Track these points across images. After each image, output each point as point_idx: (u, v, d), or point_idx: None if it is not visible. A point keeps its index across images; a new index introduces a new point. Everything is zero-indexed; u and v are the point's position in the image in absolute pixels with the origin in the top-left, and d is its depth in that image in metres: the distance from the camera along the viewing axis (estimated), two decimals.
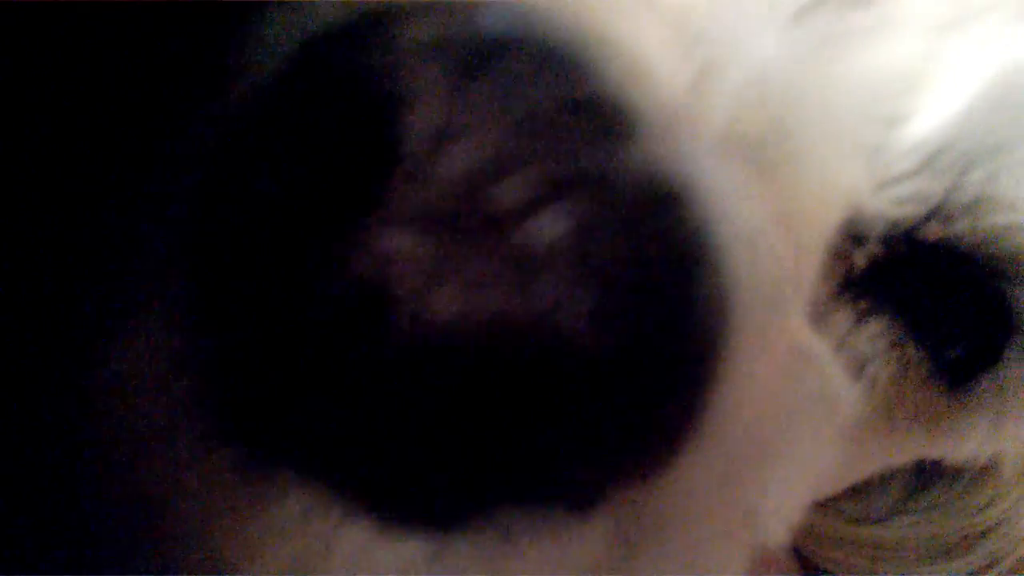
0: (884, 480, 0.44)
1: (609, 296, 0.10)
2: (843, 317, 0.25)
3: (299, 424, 0.11)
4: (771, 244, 0.14)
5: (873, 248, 0.24)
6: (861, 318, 0.25)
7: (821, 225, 0.20)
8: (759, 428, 0.14)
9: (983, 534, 0.39)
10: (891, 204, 0.23)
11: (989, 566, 0.37)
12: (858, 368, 0.25)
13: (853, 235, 0.23)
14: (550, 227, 0.09)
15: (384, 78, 0.09)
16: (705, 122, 0.13)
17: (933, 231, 0.23)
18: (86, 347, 0.12)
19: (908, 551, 0.40)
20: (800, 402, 0.14)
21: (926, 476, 0.43)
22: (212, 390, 0.11)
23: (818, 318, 0.25)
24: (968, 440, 0.29)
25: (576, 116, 0.10)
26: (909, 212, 0.23)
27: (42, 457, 0.12)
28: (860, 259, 0.24)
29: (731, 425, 0.13)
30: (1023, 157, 0.23)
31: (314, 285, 0.10)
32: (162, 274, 0.12)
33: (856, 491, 0.44)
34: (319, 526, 0.11)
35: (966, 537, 0.39)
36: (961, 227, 0.23)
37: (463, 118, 0.09)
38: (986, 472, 0.41)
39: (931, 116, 0.23)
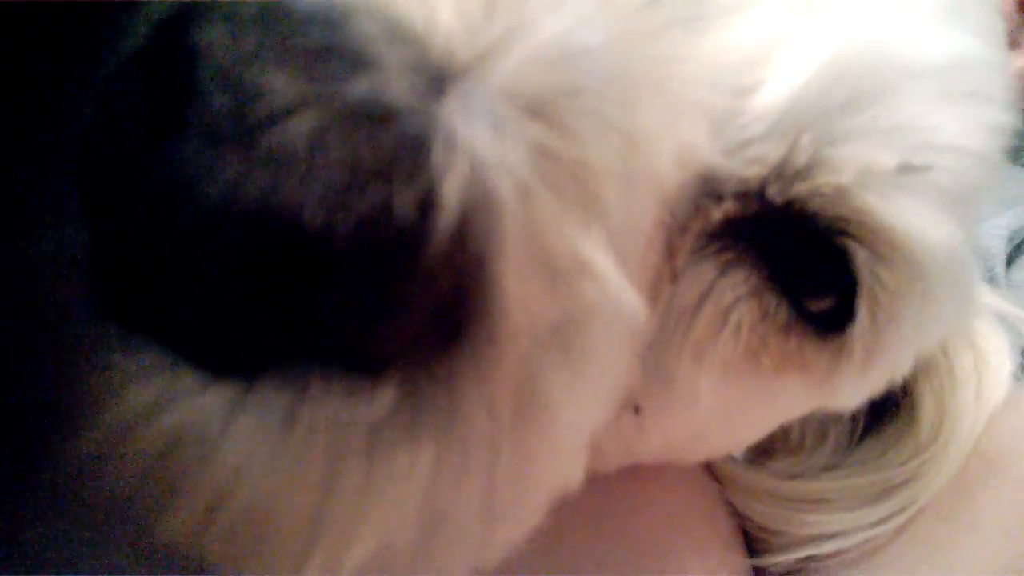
0: (817, 440, 0.47)
1: (331, 187, 0.13)
2: (709, 267, 0.28)
3: (145, 298, 0.14)
4: (555, 182, 0.17)
5: (729, 205, 0.27)
6: (724, 269, 0.28)
7: (655, 173, 0.23)
8: (540, 321, 0.17)
9: (899, 486, 0.41)
10: (742, 165, 0.26)
11: (898, 513, 0.40)
12: (723, 314, 0.28)
13: (709, 193, 0.27)
14: (291, 133, 0.13)
15: (192, 37, 0.13)
16: (484, 78, 0.16)
17: (778, 191, 0.26)
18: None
19: (833, 502, 0.43)
20: (580, 304, 0.18)
21: (855, 437, 0.46)
22: (89, 279, 0.15)
23: (681, 266, 0.28)
24: (844, 389, 0.32)
25: (320, 57, 0.14)
26: (757, 173, 0.26)
27: None
28: (717, 214, 0.27)
29: (512, 323, 0.17)
30: (849, 125, 0.26)
31: (143, 190, 0.13)
32: (58, 194, 0.16)
33: (790, 452, 0.47)
34: (157, 381, 0.15)
35: (885, 489, 0.42)
36: (800, 188, 0.26)
37: (238, 58, 0.13)
38: (907, 431, 0.44)
39: (777, 86, 0.26)
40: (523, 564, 0.23)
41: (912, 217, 0.26)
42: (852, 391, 0.32)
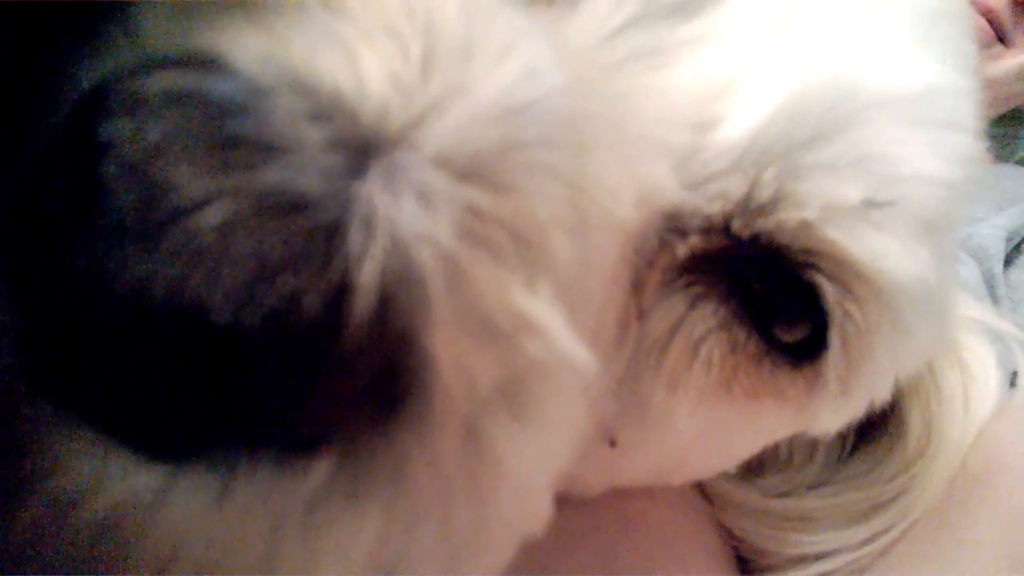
0: (805, 458, 0.47)
1: (237, 282, 0.13)
2: (678, 301, 0.28)
3: (74, 381, 0.14)
4: (490, 243, 0.17)
5: (694, 240, 0.27)
6: (693, 303, 0.28)
7: (612, 216, 0.23)
8: (481, 383, 0.17)
9: (887, 502, 0.41)
10: (705, 201, 0.26)
11: (886, 531, 0.40)
12: (695, 347, 0.28)
13: (674, 228, 0.27)
14: (199, 226, 0.13)
15: (102, 134, 0.13)
16: (419, 145, 0.16)
17: (743, 225, 0.26)
18: None
19: (820, 520, 0.43)
20: (523, 362, 0.18)
21: (844, 454, 0.46)
22: (22, 354, 0.15)
23: (650, 302, 0.28)
24: (822, 414, 0.31)
25: (231, 147, 0.14)
26: (720, 208, 0.26)
27: None
28: (682, 249, 0.27)
29: (447, 387, 0.17)
30: (814, 158, 0.25)
31: (62, 281, 0.13)
32: None
33: (778, 468, 0.47)
34: (91, 460, 0.15)
35: (873, 506, 0.42)
36: (765, 223, 0.26)
37: (145, 152, 0.13)
38: (894, 447, 0.43)
39: (739, 120, 0.26)
40: None
41: (879, 251, 0.26)
42: (831, 416, 0.32)
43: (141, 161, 0.13)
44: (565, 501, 0.24)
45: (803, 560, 0.42)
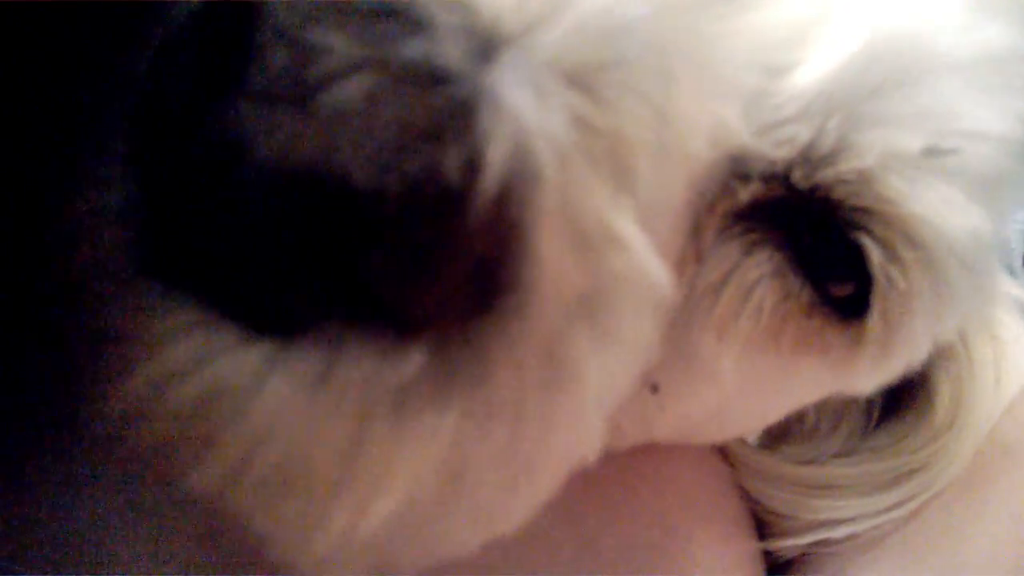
0: (831, 426, 0.47)
1: (383, 148, 0.13)
2: (734, 247, 0.28)
3: (190, 254, 0.15)
4: (591, 153, 0.18)
5: (756, 187, 0.27)
6: (749, 249, 0.28)
7: (687, 151, 0.23)
8: (569, 290, 0.17)
9: (912, 472, 0.42)
10: (772, 146, 0.26)
11: (911, 499, 0.40)
12: (747, 293, 0.29)
13: (738, 173, 0.27)
14: (346, 94, 0.13)
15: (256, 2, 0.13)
16: (531, 48, 0.16)
17: (803, 176, 0.26)
18: (50, 206, 0.16)
19: (845, 488, 0.43)
20: (608, 274, 0.18)
21: (870, 423, 0.47)
22: (139, 236, 0.15)
23: (707, 246, 0.28)
24: (860, 374, 0.32)
25: (378, 18, 0.14)
26: (785, 155, 0.26)
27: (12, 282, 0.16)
28: (744, 195, 0.27)
29: (542, 290, 0.17)
30: (877, 109, 0.25)
31: (197, 147, 0.14)
32: (105, 151, 0.16)
33: (803, 436, 0.47)
34: (197, 337, 0.15)
35: (897, 476, 0.42)
36: (825, 174, 0.26)
37: (297, 19, 0.13)
38: (922, 419, 0.44)
39: (812, 68, 0.26)
40: (537, 533, 0.24)
41: (935, 202, 0.26)
42: (868, 377, 0.32)
43: (294, 27, 0.13)
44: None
45: (826, 525, 0.42)
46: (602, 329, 0.19)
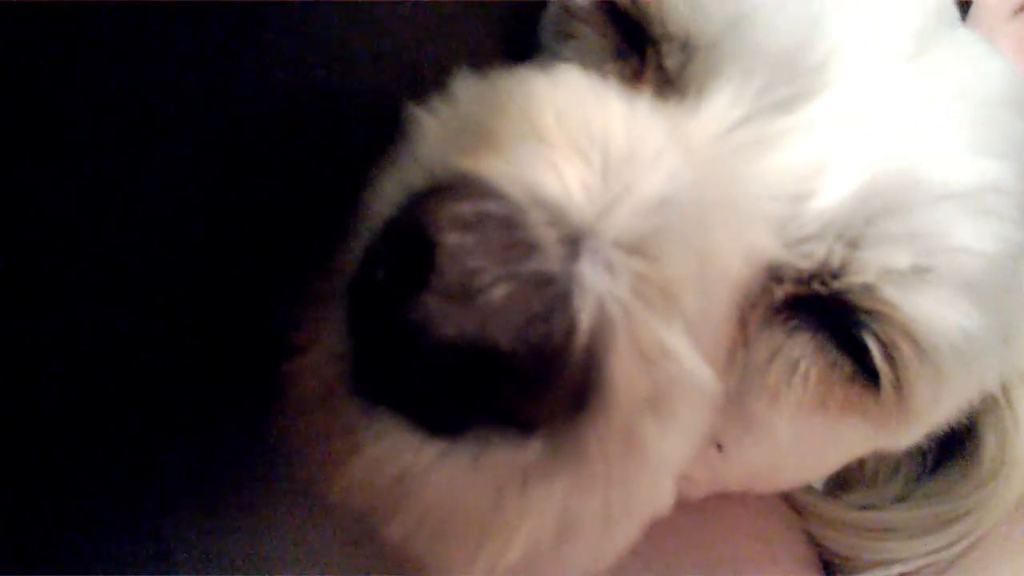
0: (889, 474, 0.52)
1: (516, 327, 0.22)
2: (777, 332, 0.35)
3: (392, 384, 0.23)
4: (648, 297, 0.25)
5: (788, 287, 0.34)
6: (791, 332, 0.35)
7: (727, 272, 0.30)
8: (638, 394, 0.25)
9: (958, 518, 0.46)
10: (798, 257, 0.33)
11: (957, 542, 0.45)
12: (793, 365, 0.35)
13: (773, 277, 0.34)
14: (494, 297, 0.22)
15: (431, 230, 0.22)
16: (602, 233, 0.24)
17: (821, 285, 0.33)
18: (288, 350, 0.25)
19: (898, 532, 0.48)
20: (665, 379, 0.25)
21: (926, 471, 0.51)
22: (351, 372, 0.24)
23: (753, 334, 0.35)
24: (893, 433, 0.38)
25: (510, 247, 0.22)
26: (808, 267, 0.33)
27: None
28: (779, 293, 0.34)
29: (619, 396, 0.25)
30: (874, 233, 0.32)
31: (400, 324, 0.22)
32: (336, 317, 0.25)
33: (865, 484, 0.52)
34: (393, 437, 0.23)
35: (946, 520, 0.47)
36: (837, 285, 0.33)
37: (463, 250, 0.22)
38: (971, 466, 0.48)
39: (826, 196, 0.33)
40: (624, 571, 0.31)
41: (924, 306, 0.32)
42: (900, 435, 0.38)
43: (462, 255, 0.22)
44: (674, 502, 0.31)
45: (883, 565, 0.47)
46: (664, 417, 0.26)
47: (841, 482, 0.52)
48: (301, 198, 0.26)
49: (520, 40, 0.40)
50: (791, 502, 0.52)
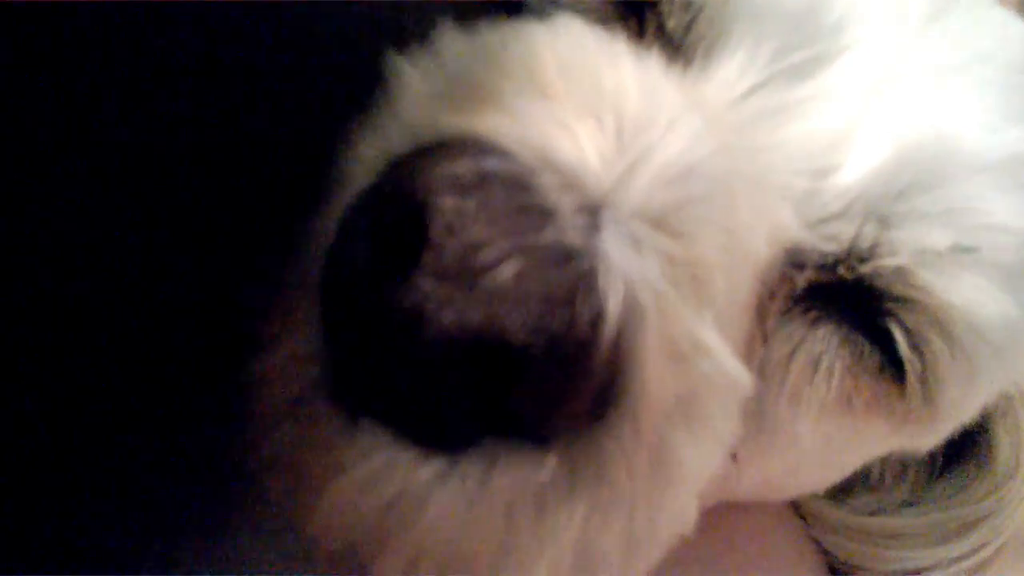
0: (896, 478, 0.49)
1: (531, 315, 0.17)
2: (797, 325, 0.31)
3: (379, 391, 0.19)
4: (678, 282, 0.21)
5: (810, 274, 0.30)
6: (813, 324, 0.31)
7: (751, 254, 0.27)
8: (668, 397, 0.21)
9: (976, 523, 0.43)
10: (821, 240, 0.30)
11: (976, 550, 0.42)
12: (815, 362, 0.32)
13: (794, 263, 0.30)
14: (502, 276, 0.17)
15: (422, 195, 0.18)
16: (622, 204, 0.20)
17: (847, 270, 0.30)
18: (254, 347, 0.21)
19: (912, 538, 0.45)
20: (698, 379, 0.21)
21: (934, 473, 0.48)
22: (327, 375, 0.19)
23: (772, 327, 0.31)
24: (915, 434, 0.34)
25: (519, 214, 0.18)
26: (832, 249, 0.30)
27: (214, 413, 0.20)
28: (801, 281, 0.30)
29: (648, 400, 0.21)
30: (909, 208, 0.29)
31: (386, 314, 0.18)
32: (306, 309, 0.20)
33: (870, 488, 0.49)
34: (382, 455, 0.19)
35: (963, 525, 0.44)
36: (864, 269, 0.29)
37: (462, 218, 0.17)
38: (984, 469, 0.45)
39: (851, 170, 0.30)
40: None
41: (963, 292, 0.29)
42: (923, 436, 0.35)
43: (461, 225, 0.17)
44: None
45: (894, 574, 0.44)
46: (696, 424, 0.22)
47: (844, 485, 0.49)
48: (263, 168, 0.22)
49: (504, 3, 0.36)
50: (796, 507, 0.49)
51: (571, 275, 0.18)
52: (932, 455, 0.47)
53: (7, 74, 0.17)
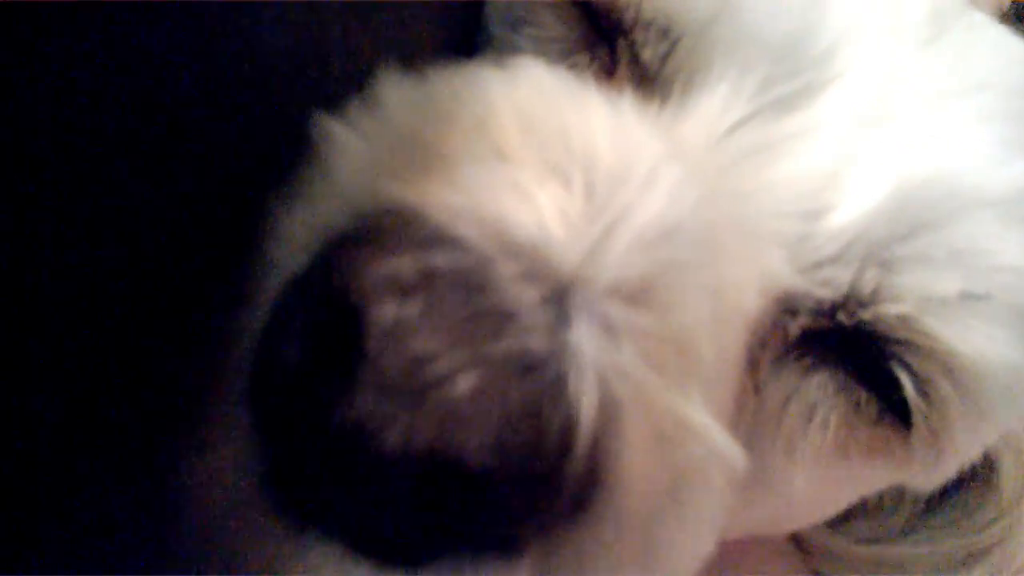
0: (894, 503, 0.47)
1: (491, 433, 0.15)
2: (790, 374, 0.30)
3: (325, 505, 0.17)
4: (660, 360, 0.19)
5: (804, 320, 0.28)
6: (807, 372, 0.29)
7: (740, 309, 0.25)
8: (654, 486, 0.19)
9: (985, 550, 0.42)
10: (815, 285, 0.28)
11: None
12: (809, 411, 0.30)
13: (787, 309, 0.28)
14: (456, 392, 0.15)
15: (355, 298, 0.15)
16: (593, 281, 0.18)
17: (847, 316, 0.28)
18: (187, 456, 0.18)
19: (915, 568, 0.43)
20: (687, 463, 0.19)
21: (934, 499, 0.47)
22: (267, 485, 0.17)
23: (764, 377, 0.29)
24: (918, 473, 0.33)
25: (473, 320, 0.16)
26: (829, 295, 0.28)
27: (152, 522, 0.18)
28: (794, 328, 0.28)
29: (631, 492, 0.19)
30: (912, 251, 0.27)
31: (323, 428, 0.16)
32: (236, 416, 0.18)
33: (868, 514, 0.48)
34: (331, 570, 0.17)
35: (971, 554, 0.42)
36: (866, 314, 0.27)
37: (404, 328, 0.15)
38: (988, 494, 0.44)
39: (846, 210, 0.27)
40: None
41: (974, 341, 0.27)
42: (925, 476, 0.33)
43: (402, 334, 0.15)
44: None
45: None
46: (685, 510, 0.20)
47: (841, 514, 0.47)
48: (178, 232, 0.19)
49: (463, 30, 0.33)
50: (795, 538, 0.47)
51: (536, 385, 0.16)
52: None
53: None
